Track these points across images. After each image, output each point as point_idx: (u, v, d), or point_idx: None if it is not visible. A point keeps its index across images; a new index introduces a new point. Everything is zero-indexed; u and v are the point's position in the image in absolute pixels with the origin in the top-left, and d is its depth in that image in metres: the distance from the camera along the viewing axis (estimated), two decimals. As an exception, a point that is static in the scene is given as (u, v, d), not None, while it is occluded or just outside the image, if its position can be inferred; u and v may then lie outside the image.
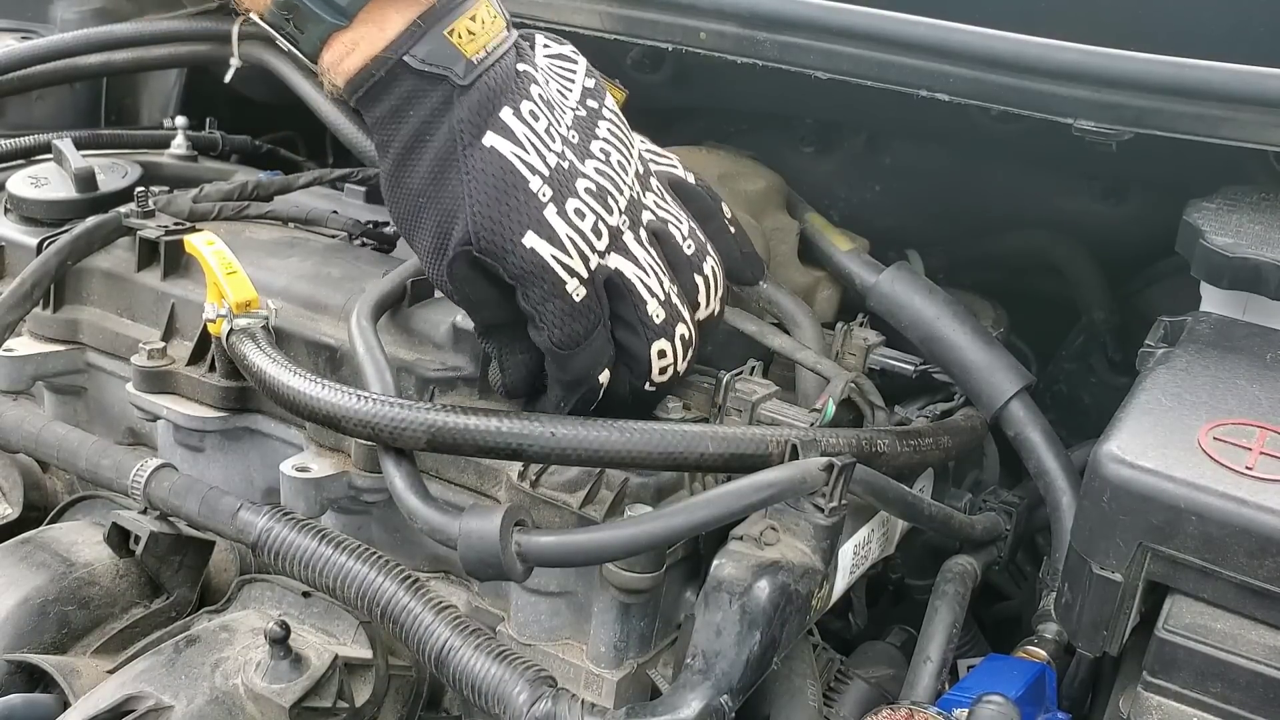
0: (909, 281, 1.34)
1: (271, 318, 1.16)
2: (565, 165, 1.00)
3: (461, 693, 0.92)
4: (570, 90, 1.05)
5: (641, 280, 1.03)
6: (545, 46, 1.07)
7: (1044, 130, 1.15)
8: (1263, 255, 1.04)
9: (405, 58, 0.95)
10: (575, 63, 1.07)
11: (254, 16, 0.98)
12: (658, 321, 1.04)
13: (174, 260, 1.29)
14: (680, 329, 1.06)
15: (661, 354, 1.05)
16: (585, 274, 1.00)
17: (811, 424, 1.11)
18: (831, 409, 1.14)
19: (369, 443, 1.06)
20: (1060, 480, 1.22)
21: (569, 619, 1.07)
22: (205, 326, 1.19)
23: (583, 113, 1.04)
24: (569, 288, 0.99)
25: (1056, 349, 1.69)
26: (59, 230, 1.34)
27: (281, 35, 0.98)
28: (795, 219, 1.45)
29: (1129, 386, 0.99)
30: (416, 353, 1.16)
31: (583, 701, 0.89)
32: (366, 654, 1.04)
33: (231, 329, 1.11)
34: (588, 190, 1.00)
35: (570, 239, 0.99)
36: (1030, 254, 1.65)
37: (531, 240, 0.97)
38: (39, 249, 1.32)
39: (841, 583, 1.09)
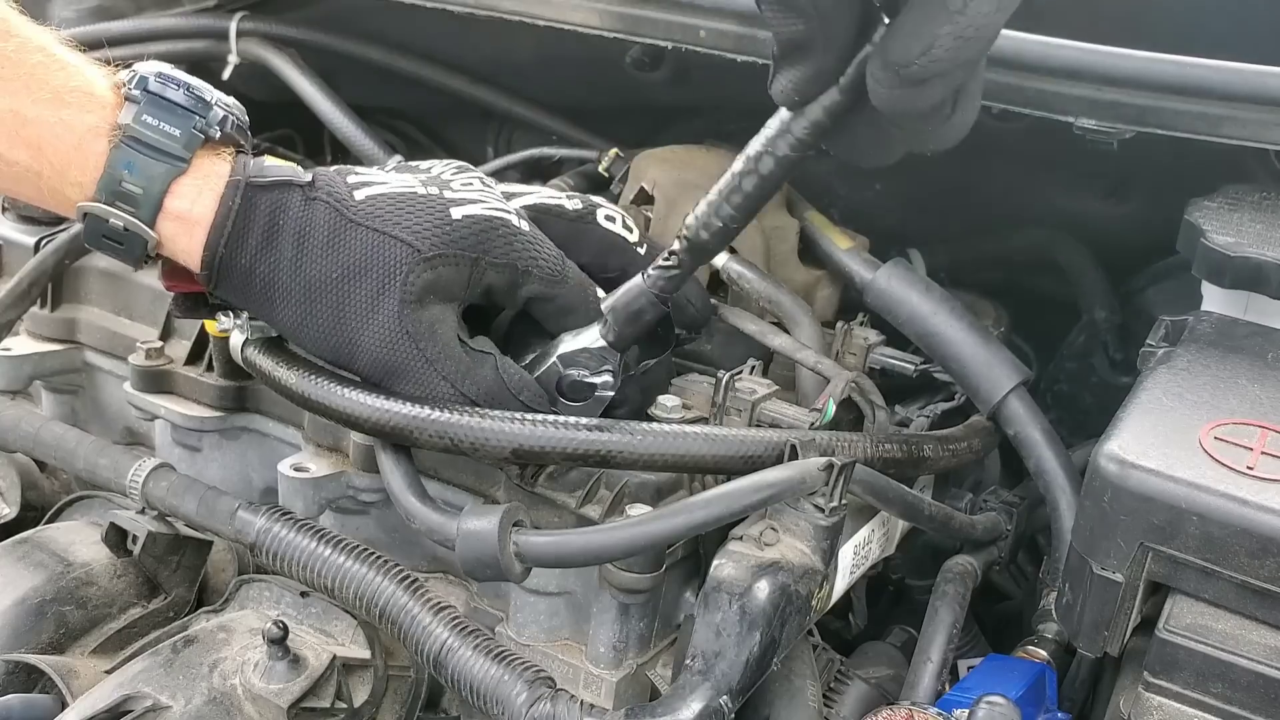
0: (905, 278, 1.34)
1: None
2: (426, 179, 1.04)
3: (460, 693, 0.92)
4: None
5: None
6: None
7: (1045, 129, 1.14)
8: (1264, 254, 1.03)
9: (251, 180, 0.96)
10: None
11: (81, 211, 0.96)
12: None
13: (172, 259, 1.29)
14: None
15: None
16: (512, 209, 1.03)
17: (811, 424, 1.11)
18: (832, 409, 1.14)
19: (367, 442, 1.06)
20: (1060, 479, 1.22)
21: (568, 619, 1.06)
22: (203, 325, 1.19)
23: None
24: (514, 220, 1.02)
25: (1058, 348, 1.69)
26: (57, 229, 1.34)
27: (121, 211, 0.95)
28: (795, 217, 1.45)
29: (1130, 386, 0.99)
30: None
31: (581, 702, 0.89)
32: (365, 654, 1.04)
33: (246, 340, 1.08)
34: (457, 177, 1.06)
35: (480, 195, 1.02)
36: (1031, 253, 1.65)
37: (459, 212, 1.00)
38: (36, 248, 1.32)
39: (841, 583, 1.09)
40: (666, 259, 1.02)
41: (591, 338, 1.05)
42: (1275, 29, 1.21)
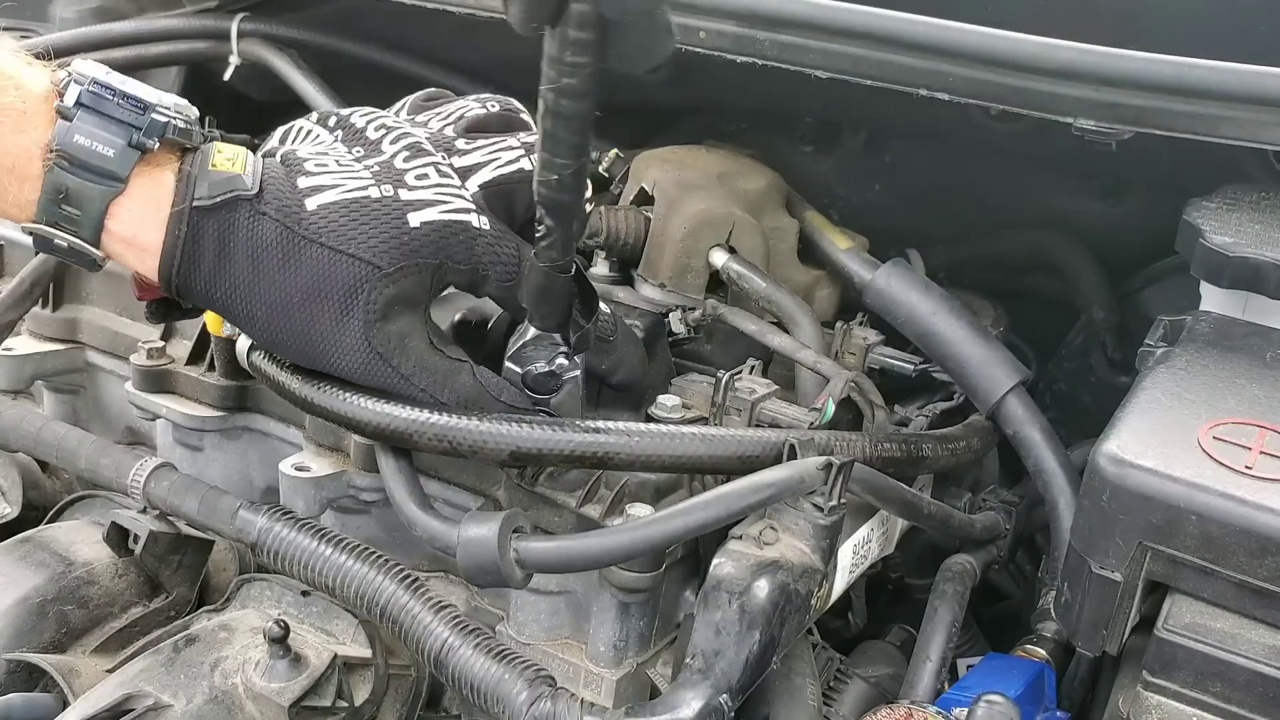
0: (904, 278, 1.34)
1: None
2: (379, 169, 1.01)
3: (461, 692, 0.92)
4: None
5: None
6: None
7: (1044, 129, 1.14)
8: (1262, 254, 1.04)
9: (195, 204, 0.94)
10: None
11: (26, 230, 0.95)
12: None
13: (173, 259, 1.29)
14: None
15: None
16: (470, 202, 1.01)
17: (811, 424, 1.11)
18: (831, 408, 1.14)
19: (368, 441, 1.06)
20: (1059, 479, 1.22)
21: (568, 618, 1.07)
22: (205, 326, 1.19)
23: (365, 133, 1.06)
24: (474, 221, 1.00)
25: (1056, 348, 1.69)
26: (58, 229, 1.34)
27: (63, 232, 0.94)
28: (795, 218, 1.45)
29: (1129, 386, 0.99)
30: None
31: (582, 701, 0.89)
32: (366, 653, 1.04)
33: (252, 345, 1.09)
34: (411, 166, 1.02)
35: (437, 194, 0.99)
36: (1030, 253, 1.65)
37: (416, 218, 0.97)
38: (38, 248, 1.32)
39: (841, 582, 1.09)
40: (537, 229, 0.98)
41: (529, 330, 1.04)
42: (1274, 29, 1.21)
